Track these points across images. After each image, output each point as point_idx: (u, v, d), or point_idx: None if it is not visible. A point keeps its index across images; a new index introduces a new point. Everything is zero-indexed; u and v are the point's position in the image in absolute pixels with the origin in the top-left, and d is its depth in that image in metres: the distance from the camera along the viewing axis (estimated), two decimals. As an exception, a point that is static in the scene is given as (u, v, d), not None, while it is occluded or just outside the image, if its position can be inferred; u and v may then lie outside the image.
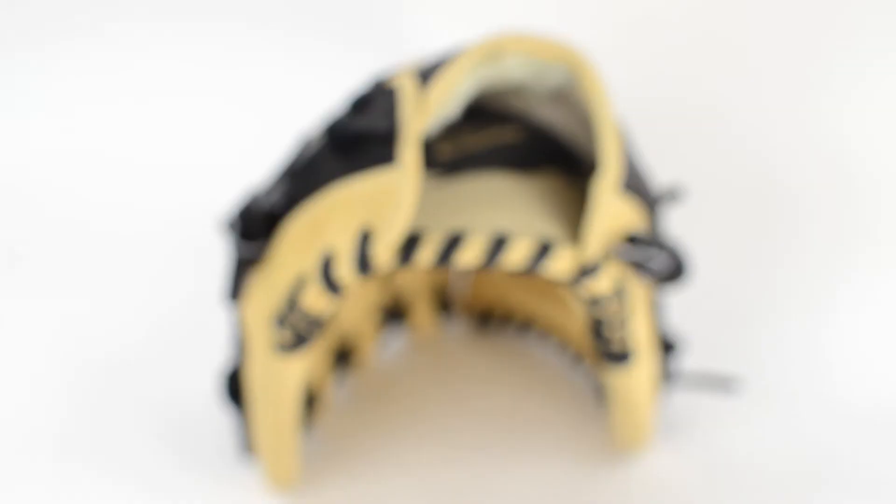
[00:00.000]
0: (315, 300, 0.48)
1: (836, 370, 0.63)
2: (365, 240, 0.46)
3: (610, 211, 0.47)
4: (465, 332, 0.67)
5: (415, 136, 0.45)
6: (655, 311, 0.55)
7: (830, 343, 0.64)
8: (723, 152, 0.71)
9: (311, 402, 0.58)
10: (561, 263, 0.47)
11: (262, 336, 0.51)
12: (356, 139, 0.48)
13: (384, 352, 0.65)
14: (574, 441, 0.58)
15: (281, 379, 0.52)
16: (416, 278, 0.65)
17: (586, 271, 0.47)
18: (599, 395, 0.59)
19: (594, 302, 0.49)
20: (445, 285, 0.66)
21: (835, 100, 0.70)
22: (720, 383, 0.59)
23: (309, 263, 0.48)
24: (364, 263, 0.46)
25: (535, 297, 0.63)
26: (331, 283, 0.47)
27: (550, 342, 0.64)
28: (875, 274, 0.67)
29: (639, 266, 0.49)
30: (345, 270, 0.47)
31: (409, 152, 0.45)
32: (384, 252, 0.46)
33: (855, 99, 0.70)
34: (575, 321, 0.59)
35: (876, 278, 0.67)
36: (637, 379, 0.53)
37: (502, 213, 0.47)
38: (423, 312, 0.66)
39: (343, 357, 0.62)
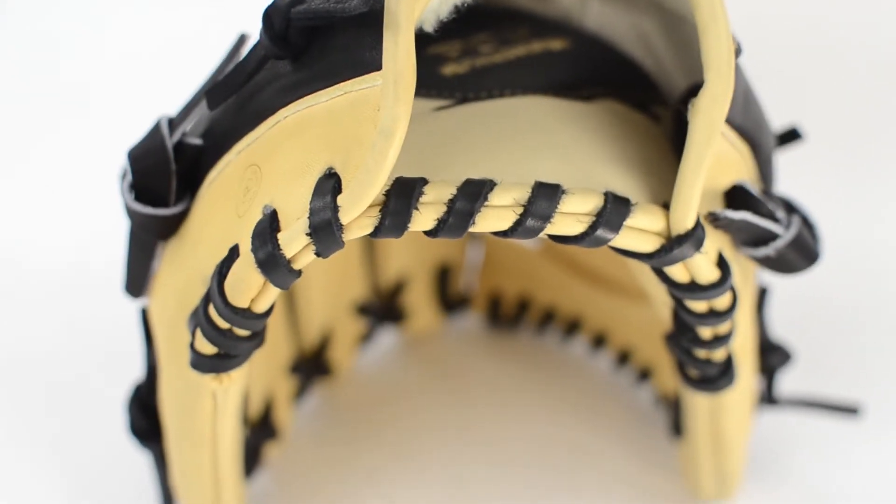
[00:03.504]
0: (249, 287, 0.40)
1: None
2: (329, 192, 0.38)
3: (715, 154, 0.40)
4: (478, 331, 0.62)
5: (408, 22, 0.36)
6: (762, 307, 0.49)
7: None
8: (834, 93, 0.69)
9: (262, 430, 0.53)
10: (642, 231, 0.39)
11: (177, 344, 0.43)
12: (312, 31, 0.40)
13: (366, 359, 0.60)
14: (632, 485, 0.53)
15: (207, 404, 0.44)
16: (411, 254, 0.59)
17: (680, 243, 0.39)
18: (674, 422, 0.52)
19: (690, 291, 0.41)
20: (453, 265, 0.61)
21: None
22: (838, 410, 0.53)
23: (241, 231, 0.40)
24: (327, 229, 0.38)
25: (582, 283, 0.58)
26: (273, 259, 0.38)
27: (602, 347, 0.59)
28: None
29: (754, 240, 0.42)
30: (296, 240, 0.38)
31: (400, 49, 0.36)
32: (359, 211, 0.38)
33: None
34: (642, 319, 0.54)
35: None
36: (735, 404, 0.47)
37: (546, 154, 0.39)
38: (420, 304, 0.60)
39: (308, 367, 0.56)
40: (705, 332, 0.43)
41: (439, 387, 0.58)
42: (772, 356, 0.50)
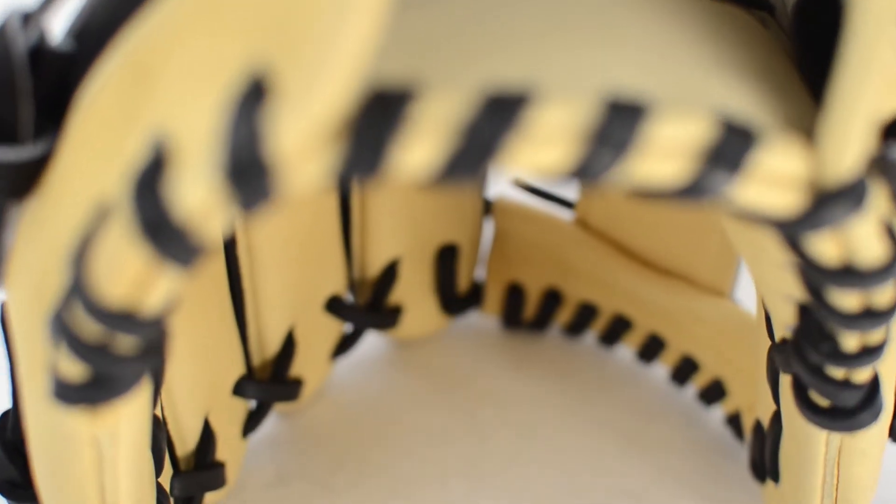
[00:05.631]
0: (127, 269, 0.29)
1: None
2: (254, 104, 0.27)
3: (884, 73, 0.31)
4: (492, 334, 0.56)
5: None
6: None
7: None
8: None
9: (199, 475, 0.45)
10: (777, 178, 0.29)
11: (38, 360, 0.34)
12: None
13: (343, 374, 0.54)
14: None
15: (85, 454, 0.34)
16: (404, 231, 0.51)
17: (834, 199, 0.30)
18: (760, 460, 0.46)
19: (844, 277, 0.32)
20: (462, 246, 0.52)
21: None
22: None
23: (115, 178, 0.30)
24: (251, 166, 0.27)
25: (631, 269, 0.51)
26: (163, 220, 0.28)
27: (657, 356, 0.53)
28: None
29: None
30: (200, 186, 0.27)
31: None
32: (304, 133, 0.27)
33: None
34: (713, 318, 0.49)
35: None
36: (872, 443, 0.40)
37: (618, 53, 0.30)
38: (416, 301, 0.53)
39: (264, 386, 0.49)
40: (851, 340, 0.33)
41: (441, 408, 0.52)
42: None
